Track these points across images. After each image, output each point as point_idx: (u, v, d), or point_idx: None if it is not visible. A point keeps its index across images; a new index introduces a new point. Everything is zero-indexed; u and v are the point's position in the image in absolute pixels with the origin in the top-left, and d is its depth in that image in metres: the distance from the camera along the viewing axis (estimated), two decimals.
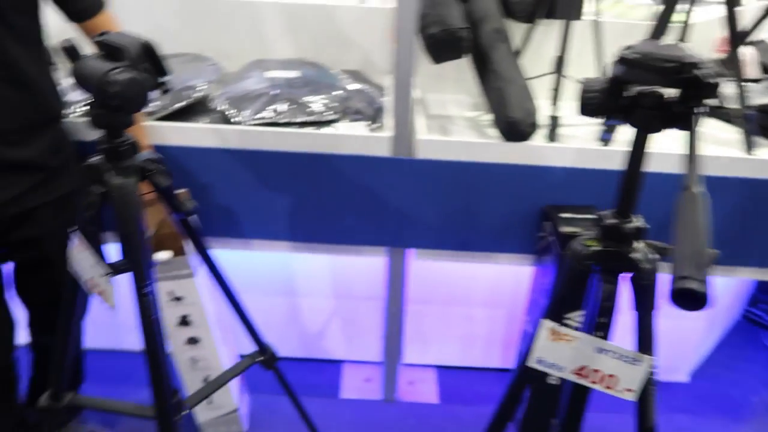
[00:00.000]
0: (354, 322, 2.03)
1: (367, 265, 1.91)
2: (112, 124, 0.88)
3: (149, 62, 0.87)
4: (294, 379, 2.03)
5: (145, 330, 0.93)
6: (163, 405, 0.96)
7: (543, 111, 1.51)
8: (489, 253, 1.66)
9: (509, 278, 1.92)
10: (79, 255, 0.94)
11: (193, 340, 1.54)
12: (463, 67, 1.67)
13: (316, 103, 1.57)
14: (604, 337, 0.65)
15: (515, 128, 1.40)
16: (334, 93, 1.60)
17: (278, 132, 1.50)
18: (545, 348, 0.68)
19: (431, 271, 1.91)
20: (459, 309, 1.99)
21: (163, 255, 1.41)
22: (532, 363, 0.66)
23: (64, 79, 1.32)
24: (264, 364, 1.18)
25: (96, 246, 0.97)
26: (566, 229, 1.44)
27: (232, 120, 1.55)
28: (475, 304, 1.98)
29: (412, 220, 1.59)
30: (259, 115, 1.53)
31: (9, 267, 1.41)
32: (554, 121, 1.50)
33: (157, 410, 0.97)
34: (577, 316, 1.59)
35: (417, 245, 1.66)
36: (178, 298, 1.47)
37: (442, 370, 2.13)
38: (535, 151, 1.50)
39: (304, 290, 1.97)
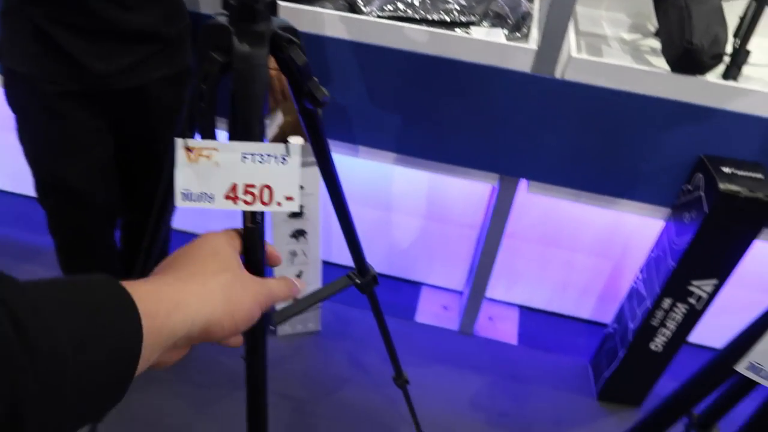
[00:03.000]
0: (442, 247, 1.90)
1: (468, 189, 1.75)
2: None
3: None
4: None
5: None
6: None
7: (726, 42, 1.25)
8: (616, 199, 1.46)
9: (626, 229, 1.72)
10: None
11: (299, 233, 1.47)
12: None
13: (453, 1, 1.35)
14: None
15: (695, 56, 1.15)
16: None
17: (405, 28, 1.31)
18: None
19: (536, 205, 1.73)
20: (559, 251, 1.82)
21: (297, 139, 1.28)
22: (741, 368, 0.50)
23: None
24: (361, 288, 1.06)
25: (205, 128, 0.83)
26: (726, 186, 1.22)
27: (358, 9, 1.36)
28: (579, 249, 1.80)
29: (537, 148, 1.40)
30: (388, 6, 1.33)
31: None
32: (739, 56, 1.24)
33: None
34: (706, 285, 1.41)
35: (535, 177, 1.48)
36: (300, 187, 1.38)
37: (527, 311, 2.00)
38: (708, 89, 1.26)
39: (397, 205, 1.84)
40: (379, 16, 1.34)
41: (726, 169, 1.27)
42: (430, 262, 1.98)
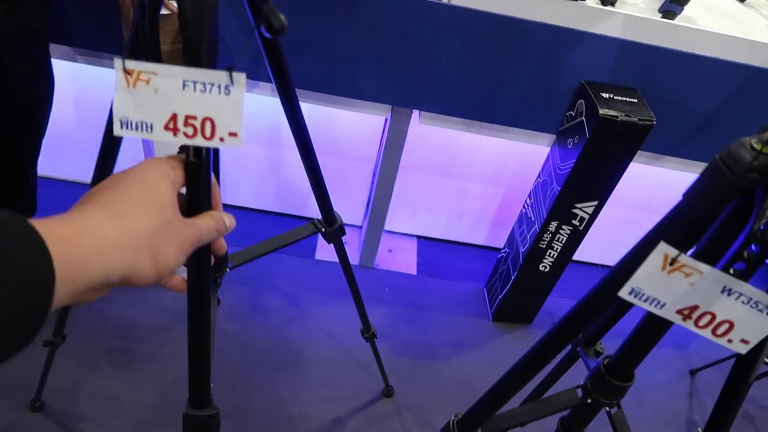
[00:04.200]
0: (338, 182, 1.86)
1: (362, 122, 1.71)
2: None
3: None
4: (270, 234, 1.90)
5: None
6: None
7: None
8: (504, 127, 1.48)
9: (515, 156, 1.76)
10: None
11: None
12: None
13: None
14: (742, 277, 0.50)
15: None
16: None
17: None
18: (650, 278, 0.52)
19: (428, 137, 1.72)
20: (453, 181, 1.85)
21: None
22: (624, 293, 0.52)
23: None
24: (327, 236, 1.02)
25: (149, 48, 0.70)
26: (605, 111, 1.27)
27: None
28: (472, 178, 1.83)
29: (426, 79, 1.37)
30: None
31: None
32: None
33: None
34: (588, 206, 1.48)
35: (426, 108, 1.46)
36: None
37: (424, 241, 2.03)
38: (584, 13, 1.27)
39: (289, 141, 1.77)
40: None
41: (605, 95, 1.31)
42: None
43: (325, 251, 1.89)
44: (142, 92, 0.45)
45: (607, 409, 0.63)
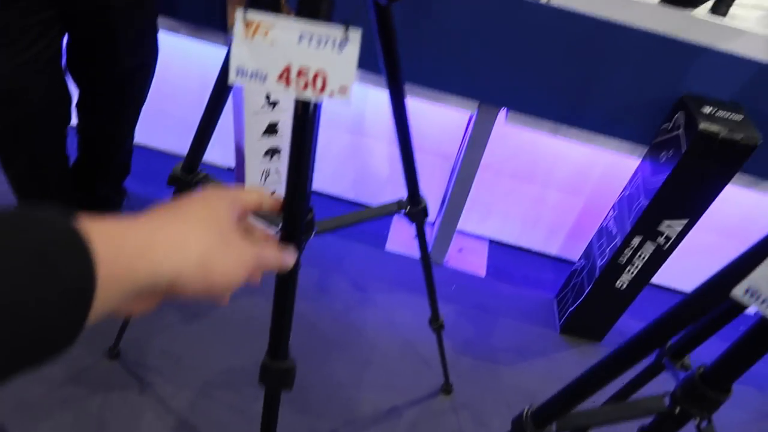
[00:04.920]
0: None
1: (446, 118, 1.71)
2: None
3: None
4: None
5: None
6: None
7: None
8: (594, 134, 1.44)
9: (600, 166, 1.71)
10: None
11: (273, 151, 1.42)
12: None
13: None
14: None
15: None
16: None
17: None
18: None
19: (512, 138, 1.70)
20: (532, 187, 1.81)
21: None
22: (738, 293, 0.49)
23: None
24: (411, 216, 1.03)
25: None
26: (706, 126, 1.21)
27: None
28: (552, 185, 1.79)
29: (518, 76, 1.35)
30: None
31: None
32: None
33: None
34: (677, 224, 1.41)
35: (515, 106, 1.44)
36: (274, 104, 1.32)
37: (496, 245, 2.00)
38: (696, 24, 1.22)
39: (369, 129, 1.79)
40: None
41: (707, 109, 1.25)
42: (402, 190, 1.96)
43: (396, 243, 1.89)
44: (259, 43, 0.47)
45: (697, 421, 0.59)
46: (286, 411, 1.34)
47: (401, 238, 1.93)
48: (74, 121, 1.40)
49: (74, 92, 1.34)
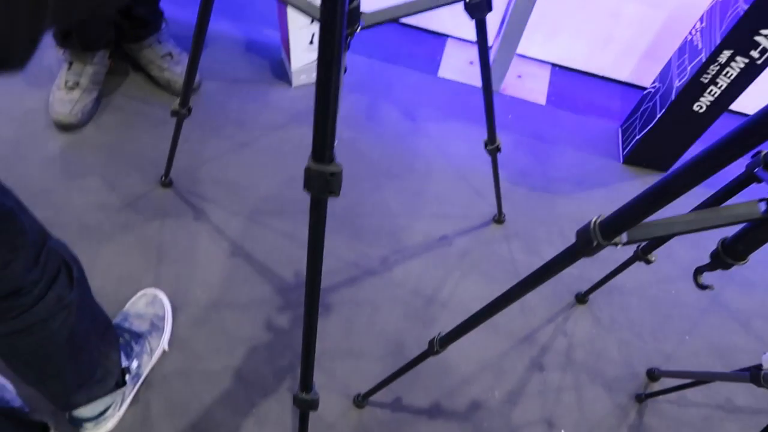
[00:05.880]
0: None
1: None
2: None
3: None
4: (394, 47, 1.80)
5: None
6: None
7: None
8: None
9: None
10: None
11: None
12: None
13: None
14: None
15: None
16: None
17: None
18: None
19: None
20: (605, 1, 1.60)
21: None
22: None
23: None
24: (470, 9, 0.93)
25: None
26: None
27: None
28: None
29: None
30: None
31: None
32: None
33: None
34: None
35: None
36: None
37: (559, 69, 1.84)
38: None
39: None
40: None
41: None
42: (456, 10, 1.78)
43: (449, 69, 1.76)
44: None
45: None
46: (337, 238, 1.35)
47: (454, 63, 1.79)
48: None
49: None
